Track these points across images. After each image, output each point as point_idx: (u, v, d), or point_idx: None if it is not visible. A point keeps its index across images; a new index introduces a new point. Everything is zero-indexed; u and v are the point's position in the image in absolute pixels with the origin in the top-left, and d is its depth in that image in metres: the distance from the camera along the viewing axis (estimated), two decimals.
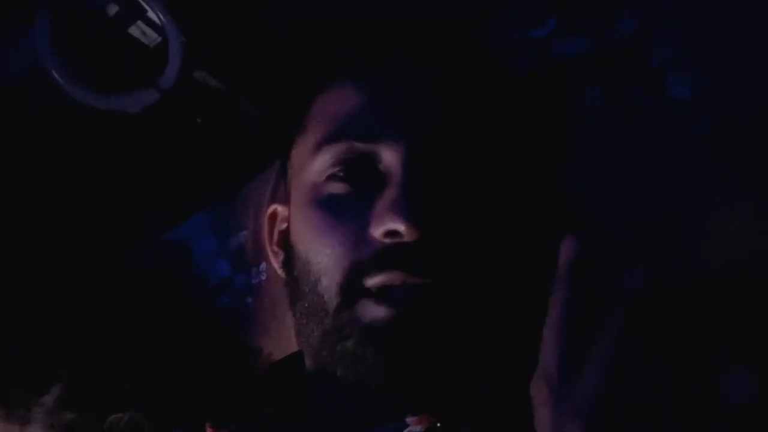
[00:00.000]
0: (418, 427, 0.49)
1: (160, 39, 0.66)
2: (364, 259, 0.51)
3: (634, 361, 0.38)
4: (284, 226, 0.62)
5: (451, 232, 0.52)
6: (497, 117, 0.58)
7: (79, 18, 0.66)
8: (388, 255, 0.51)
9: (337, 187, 0.55)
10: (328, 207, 0.55)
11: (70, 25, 0.66)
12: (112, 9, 0.66)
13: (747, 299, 0.55)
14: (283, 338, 0.70)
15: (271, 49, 0.69)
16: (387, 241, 0.51)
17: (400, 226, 0.49)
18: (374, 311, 0.51)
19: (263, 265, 0.74)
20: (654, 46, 0.64)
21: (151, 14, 0.65)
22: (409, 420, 0.49)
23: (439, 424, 0.48)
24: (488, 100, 0.59)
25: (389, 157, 0.53)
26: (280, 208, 0.63)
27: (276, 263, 0.63)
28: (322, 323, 0.54)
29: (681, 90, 0.63)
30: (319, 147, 0.56)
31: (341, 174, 0.55)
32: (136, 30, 0.66)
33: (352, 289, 0.52)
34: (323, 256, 0.53)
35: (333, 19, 0.68)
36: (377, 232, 0.51)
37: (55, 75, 0.67)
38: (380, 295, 0.51)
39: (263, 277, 0.74)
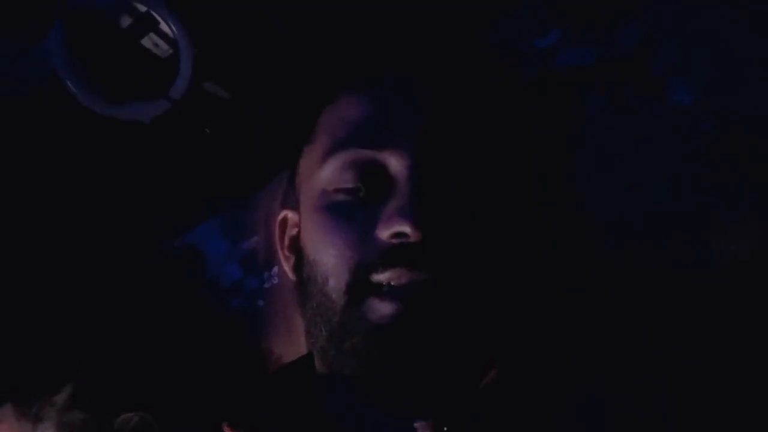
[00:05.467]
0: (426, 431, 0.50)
1: (171, 50, 0.67)
2: (371, 257, 0.54)
3: None
4: (295, 231, 0.64)
5: (451, 232, 0.54)
6: (497, 123, 0.61)
7: (93, 29, 0.67)
8: (394, 253, 0.53)
9: (344, 193, 0.57)
10: (336, 212, 0.57)
11: (85, 36, 0.67)
12: (126, 21, 0.67)
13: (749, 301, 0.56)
14: (294, 340, 0.72)
15: (281, 62, 0.70)
16: (394, 241, 0.53)
17: (407, 228, 0.52)
18: (381, 308, 0.53)
19: (275, 269, 0.76)
20: (655, 53, 0.65)
21: (163, 26, 0.66)
22: (417, 424, 0.50)
23: (446, 428, 0.50)
24: (489, 107, 0.61)
25: (395, 163, 0.56)
26: (290, 214, 0.65)
27: (287, 267, 0.65)
28: (330, 322, 0.56)
29: (683, 96, 0.64)
30: (327, 155, 0.58)
31: (349, 181, 0.57)
32: (149, 41, 0.67)
33: (359, 286, 0.54)
34: (330, 257, 0.56)
35: (335, 31, 0.69)
36: (385, 233, 0.53)
37: (70, 84, 0.68)
38: (387, 292, 0.53)
39: (275, 281, 0.76)
